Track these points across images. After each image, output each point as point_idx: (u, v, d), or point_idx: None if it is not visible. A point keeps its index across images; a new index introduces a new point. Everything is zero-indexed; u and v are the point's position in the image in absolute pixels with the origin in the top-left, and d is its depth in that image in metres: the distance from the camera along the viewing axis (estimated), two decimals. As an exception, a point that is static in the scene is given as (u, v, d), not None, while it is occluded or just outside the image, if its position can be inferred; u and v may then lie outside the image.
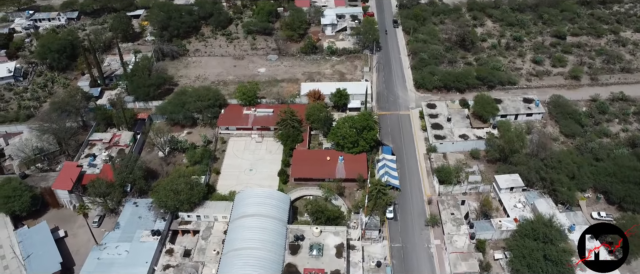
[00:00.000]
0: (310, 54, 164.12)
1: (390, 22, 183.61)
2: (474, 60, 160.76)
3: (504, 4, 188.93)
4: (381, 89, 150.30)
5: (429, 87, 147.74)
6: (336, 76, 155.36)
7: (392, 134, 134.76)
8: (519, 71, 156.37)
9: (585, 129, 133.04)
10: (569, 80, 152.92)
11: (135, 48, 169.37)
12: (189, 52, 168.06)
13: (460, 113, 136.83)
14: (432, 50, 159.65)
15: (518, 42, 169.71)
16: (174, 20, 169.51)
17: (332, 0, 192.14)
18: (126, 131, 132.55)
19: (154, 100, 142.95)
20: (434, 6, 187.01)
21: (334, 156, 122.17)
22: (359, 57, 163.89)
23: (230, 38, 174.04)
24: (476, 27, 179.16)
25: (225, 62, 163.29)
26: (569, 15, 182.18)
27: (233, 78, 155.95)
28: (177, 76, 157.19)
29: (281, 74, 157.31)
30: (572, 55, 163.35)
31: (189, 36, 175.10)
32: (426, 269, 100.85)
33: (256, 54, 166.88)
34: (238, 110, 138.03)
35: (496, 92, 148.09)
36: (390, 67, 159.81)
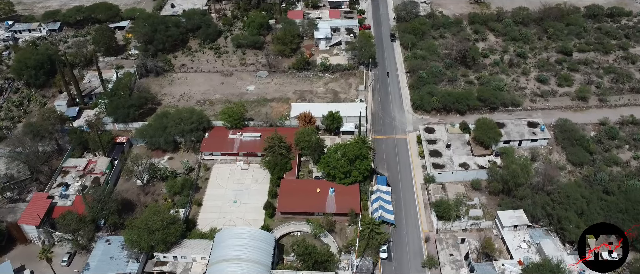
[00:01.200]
0: (302, 71, 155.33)
1: (388, 35, 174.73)
2: (475, 79, 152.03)
3: (507, 17, 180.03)
4: (377, 110, 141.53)
5: (428, 109, 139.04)
6: (329, 95, 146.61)
7: (388, 160, 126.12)
8: (522, 91, 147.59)
9: (594, 157, 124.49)
10: (575, 101, 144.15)
11: (118, 63, 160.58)
12: (175, 67, 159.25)
13: (460, 139, 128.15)
14: (431, 68, 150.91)
15: (522, 58, 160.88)
16: (159, 33, 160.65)
17: (327, 12, 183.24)
18: (103, 157, 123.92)
19: (134, 121, 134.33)
20: (434, 19, 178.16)
21: (325, 188, 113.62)
22: (353, 75, 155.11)
23: (218, 52, 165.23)
24: (477, 41, 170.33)
25: (212, 79, 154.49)
26: (575, 29, 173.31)
27: (220, 97, 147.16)
28: (161, 94, 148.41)
29: (271, 92, 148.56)
30: (578, 74, 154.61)
31: (175, 50, 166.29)
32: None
33: (245, 70, 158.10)
34: (223, 133, 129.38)
35: (499, 114, 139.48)
36: (387, 86, 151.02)
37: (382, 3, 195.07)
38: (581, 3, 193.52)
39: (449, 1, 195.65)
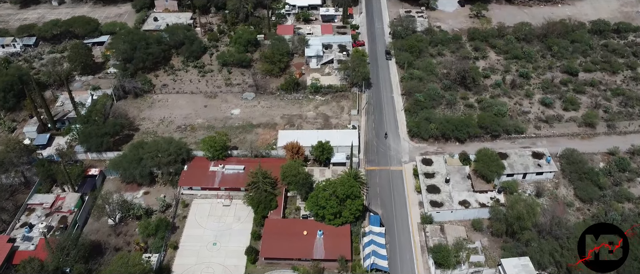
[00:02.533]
0: (291, 92, 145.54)
1: (383, 52, 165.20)
2: (475, 102, 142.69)
3: (509, 33, 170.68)
4: (370, 138, 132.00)
5: (425, 137, 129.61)
6: (319, 120, 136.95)
7: (382, 196, 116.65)
8: (526, 116, 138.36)
9: (604, 192, 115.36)
10: (582, 127, 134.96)
11: (95, 83, 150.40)
12: (155, 87, 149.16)
13: (460, 172, 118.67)
14: (429, 90, 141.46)
15: (524, 79, 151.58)
16: (139, 51, 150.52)
17: (319, 27, 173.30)
18: (72, 192, 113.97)
19: (109, 150, 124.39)
20: (432, 35, 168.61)
21: (312, 229, 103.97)
22: (346, 97, 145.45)
23: (202, 71, 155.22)
24: (478, 59, 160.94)
25: (195, 101, 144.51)
26: (581, 47, 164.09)
27: (202, 121, 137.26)
28: (139, 118, 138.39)
29: (257, 116, 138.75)
30: (585, 96, 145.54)
31: (157, 68, 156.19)
32: None
33: (231, 91, 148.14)
34: (204, 165, 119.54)
35: (501, 142, 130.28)
36: (382, 109, 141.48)
37: (377, 17, 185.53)
38: (586, 18, 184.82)
39: (447, 15, 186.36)
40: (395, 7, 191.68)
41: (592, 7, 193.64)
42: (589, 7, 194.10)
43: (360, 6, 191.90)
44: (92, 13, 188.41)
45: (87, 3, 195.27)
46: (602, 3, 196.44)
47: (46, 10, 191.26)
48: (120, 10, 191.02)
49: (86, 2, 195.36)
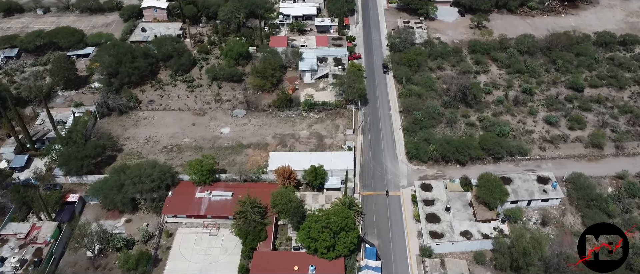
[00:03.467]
0: (284, 109, 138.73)
1: (380, 65, 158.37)
2: (477, 120, 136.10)
3: (511, 45, 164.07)
4: (366, 160, 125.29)
5: (424, 159, 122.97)
6: (313, 140, 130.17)
7: (378, 223, 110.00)
8: (530, 135, 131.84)
9: (613, 220, 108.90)
10: (589, 148, 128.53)
11: (78, 99, 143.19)
12: (141, 104, 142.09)
13: (461, 198, 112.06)
14: (428, 107, 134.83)
15: (528, 95, 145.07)
16: (125, 65, 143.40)
17: (313, 39, 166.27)
18: (48, 221, 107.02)
19: (90, 174, 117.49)
20: (431, 47, 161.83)
21: (304, 263, 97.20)
22: (341, 114, 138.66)
23: (191, 86, 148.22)
24: (479, 74, 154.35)
25: (183, 119, 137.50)
26: (586, 60, 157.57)
27: (190, 141, 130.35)
28: (124, 137, 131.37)
29: (248, 136, 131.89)
30: (591, 114, 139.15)
31: (144, 82, 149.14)
32: None
33: (220, 107, 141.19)
34: (190, 191, 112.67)
35: (504, 164, 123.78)
36: (379, 128, 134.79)
37: (374, 27, 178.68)
38: (590, 29, 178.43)
39: (447, 26, 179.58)
40: (393, 17, 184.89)
41: (596, 18, 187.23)
42: (594, 17, 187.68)
43: (356, 16, 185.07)
44: (78, 22, 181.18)
45: (74, 12, 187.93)
46: (606, 13, 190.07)
47: (30, 20, 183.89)
48: (108, 19, 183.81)
49: (72, 11, 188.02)
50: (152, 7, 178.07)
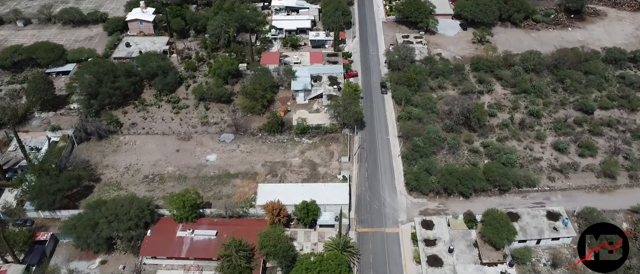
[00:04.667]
0: (275, 134, 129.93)
1: (378, 84, 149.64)
2: (481, 146, 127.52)
3: (516, 62, 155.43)
4: (363, 191, 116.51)
5: (425, 191, 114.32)
6: (306, 168, 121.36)
7: (376, 266, 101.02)
8: (537, 163, 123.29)
9: (630, 262, 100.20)
10: (601, 178, 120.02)
11: (56, 121, 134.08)
12: (123, 127, 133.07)
13: (465, 237, 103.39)
14: (429, 132, 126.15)
15: (535, 118, 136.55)
16: (105, 85, 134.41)
17: (307, 55, 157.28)
18: (15, 264, 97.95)
19: (63, 208, 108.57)
20: (432, 65, 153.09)
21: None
22: (336, 139, 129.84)
23: (177, 107, 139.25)
24: (482, 94, 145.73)
25: (166, 144, 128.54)
26: (595, 79, 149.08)
27: (173, 170, 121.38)
28: (102, 166, 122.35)
29: (236, 164, 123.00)
30: (602, 139, 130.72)
31: (126, 103, 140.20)
32: None
33: (207, 131, 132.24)
34: (170, 229, 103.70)
35: (510, 196, 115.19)
36: (376, 155, 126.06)
37: (372, 42, 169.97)
38: (599, 44, 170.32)
39: (448, 41, 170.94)
40: (391, 31, 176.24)
41: (605, 32, 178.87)
42: (602, 31, 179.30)
43: (353, 29, 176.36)
44: (61, 35, 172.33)
45: (56, 24, 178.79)
46: (615, 27, 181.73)
47: (10, 32, 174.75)
48: (92, 32, 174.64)
49: (54, 23, 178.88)
50: (137, 20, 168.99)
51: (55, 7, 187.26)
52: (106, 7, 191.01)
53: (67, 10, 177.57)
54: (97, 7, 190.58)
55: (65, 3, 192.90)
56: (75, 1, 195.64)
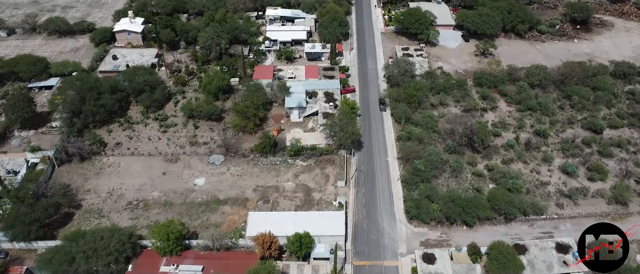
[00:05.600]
0: (267, 155, 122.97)
1: (376, 100, 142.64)
2: (485, 168, 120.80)
3: (520, 77, 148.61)
4: (359, 219, 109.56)
5: (426, 220, 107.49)
6: (299, 194, 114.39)
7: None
8: (545, 188, 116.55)
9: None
10: (613, 205, 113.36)
11: (37, 140, 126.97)
12: (107, 147, 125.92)
13: (469, 273, 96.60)
14: (430, 154, 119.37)
15: (541, 137, 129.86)
16: (89, 103, 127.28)
17: (303, 69, 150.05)
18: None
19: (40, 239, 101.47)
20: (433, 79, 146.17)
21: None
22: (332, 161, 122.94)
23: (165, 125, 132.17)
24: (486, 111, 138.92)
25: (152, 166, 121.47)
26: (604, 95, 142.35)
27: (158, 195, 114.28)
28: (83, 190, 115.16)
29: (225, 188, 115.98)
30: (612, 160, 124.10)
31: (111, 120, 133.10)
32: None
33: (196, 152, 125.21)
34: (154, 263, 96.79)
35: (517, 225, 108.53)
36: (374, 179, 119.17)
37: (370, 54, 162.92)
38: (606, 56, 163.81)
39: (450, 53, 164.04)
40: (390, 42, 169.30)
41: (612, 43, 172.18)
42: (609, 42, 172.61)
43: (350, 41, 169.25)
44: (45, 46, 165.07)
45: (41, 34, 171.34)
46: (623, 38, 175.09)
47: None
48: (78, 43, 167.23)
49: (39, 33, 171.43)
50: (125, 31, 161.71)
51: (41, 16, 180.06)
52: (94, 15, 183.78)
53: (53, 20, 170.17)
54: (85, 15, 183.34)
55: (51, 12, 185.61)
56: (62, 9, 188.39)
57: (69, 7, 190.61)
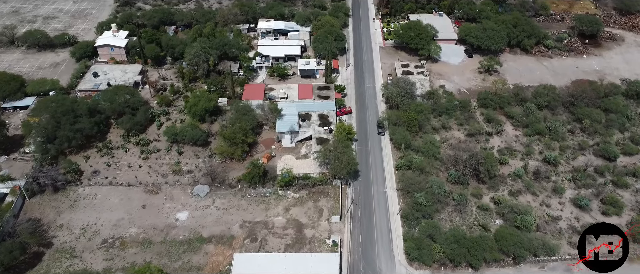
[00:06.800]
0: (256, 186, 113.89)
1: (374, 123, 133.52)
2: (491, 201, 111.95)
3: (527, 97, 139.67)
4: (355, 260, 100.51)
5: (428, 262, 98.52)
6: (290, 231, 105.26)
7: None
8: (556, 224, 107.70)
9: None
10: (630, 244, 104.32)
11: (8, 167, 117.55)
12: (83, 176, 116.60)
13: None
14: (432, 186, 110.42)
15: (551, 166, 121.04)
16: (64, 128, 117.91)
17: (296, 89, 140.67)
18: None
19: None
20: (434, 99, 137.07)
21: None
22: (326, 193, 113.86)
23: (146, 150, 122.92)
24: (491, 135, 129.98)
25: (131, 199, 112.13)
26: (616, 119, 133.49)
27: (137, 232, 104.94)
28: (55, 226, 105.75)
29: (210, 224, 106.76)
30: (628, 192, 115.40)
31: (89, 145, 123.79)
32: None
33: (179, 182, 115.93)
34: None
35: (526, 267, 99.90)
36: (371, 213, 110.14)
37: (368, 71, 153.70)
38: (617, 74, 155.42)
39: (452, 70, 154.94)
40: (389, 58, 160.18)
41: (623, 59, 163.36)
42: (620, 58, 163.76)
43: (347, 56, 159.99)
44: (23, 61, 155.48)
45: (20, 47, 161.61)
46: (634, 53, 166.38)
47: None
48: (58, 57, 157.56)
49: (18, 47, 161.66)
50: (108, 46, 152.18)
51: (21, 27, 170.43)
52: (77, 27, 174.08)
53: (32, 33, 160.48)
54: (67, 27, 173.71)
55: (32, 23, 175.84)
56: (43, 20, 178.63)
57: (51, 17, 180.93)
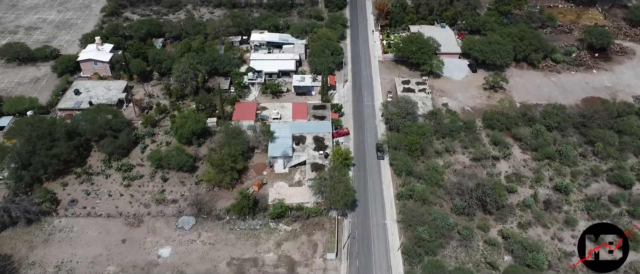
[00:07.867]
0: (246, 217, 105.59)
1: (373, 145, 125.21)
2: (499, 235, 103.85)
3: (536, 118, 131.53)
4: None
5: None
6: (282, 269, 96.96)
7: None
8: (570, 260, 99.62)
9: None
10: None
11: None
12: (59, 205, 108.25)
13: None
14: (435, 218, 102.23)
15: (563, 194, 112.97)
16: (39, 153, 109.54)
17: (290, 108, 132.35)
18: None
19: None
20: (437, 120, 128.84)
21: None
22: (321, 225, 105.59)
23: (128, 177, 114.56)
24: (498, 160, 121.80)
25: (110, 232, 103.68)
26: (631, 141, 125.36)
27: (115, 271, 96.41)
28: (27, 263, 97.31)
29: (194, 261, 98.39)
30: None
31: (68, 171, 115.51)
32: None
33: (162, 212, 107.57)
34: None
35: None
36: (370, 248, 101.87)
37: (366, 88, 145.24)
38: (629, 90, 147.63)
39: (455, 86, 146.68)
40: (389, 73, 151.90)
41: (635, 74, 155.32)
42: (632, 74, 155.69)
43: (344, 71, 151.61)
44: (3, 75, 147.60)
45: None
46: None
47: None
48: (39, 72, 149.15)
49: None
50: (91, 60, 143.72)
51: (1, 38, 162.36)
52: (61, 39, 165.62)
53: (12, 46, 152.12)
54: (50, 38, 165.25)
55: (13, 34, 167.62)
56: (25, 31, 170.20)
57: (33, 28, 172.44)
